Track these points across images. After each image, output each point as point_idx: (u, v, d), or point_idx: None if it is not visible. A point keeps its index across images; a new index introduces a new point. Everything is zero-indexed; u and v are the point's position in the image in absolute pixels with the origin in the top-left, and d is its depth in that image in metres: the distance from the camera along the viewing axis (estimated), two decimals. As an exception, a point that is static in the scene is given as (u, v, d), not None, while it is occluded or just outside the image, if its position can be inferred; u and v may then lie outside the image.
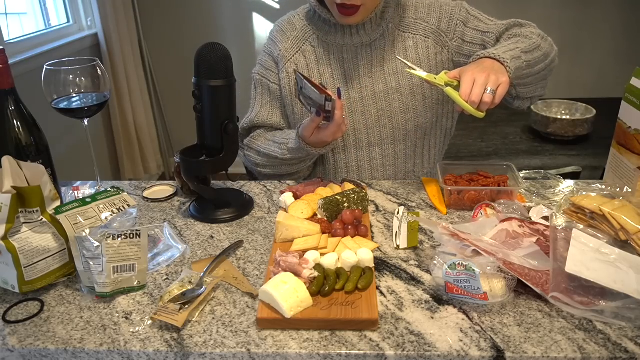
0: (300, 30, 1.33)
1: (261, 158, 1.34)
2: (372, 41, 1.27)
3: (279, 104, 1.37)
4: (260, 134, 1.37)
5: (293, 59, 1.32)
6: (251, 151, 1.36)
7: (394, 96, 1.27)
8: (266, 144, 1.32)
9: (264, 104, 1.38)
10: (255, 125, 1.38)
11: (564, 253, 0.83)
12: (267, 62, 1.37)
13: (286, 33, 1.35)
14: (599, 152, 2.11)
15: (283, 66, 1.33)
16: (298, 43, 1.32)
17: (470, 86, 1.01)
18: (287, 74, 1.32)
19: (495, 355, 0.73)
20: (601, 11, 3.13)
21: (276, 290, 0.79)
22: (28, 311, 0.84)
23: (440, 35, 1.27)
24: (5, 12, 2.35)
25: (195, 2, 3.23)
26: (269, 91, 1.37)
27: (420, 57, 1.27)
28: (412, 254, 0.97)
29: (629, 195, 1.02)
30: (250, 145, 1.37)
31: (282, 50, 1.33)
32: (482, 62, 1.07)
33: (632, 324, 0.77)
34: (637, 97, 1.07)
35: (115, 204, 0.92)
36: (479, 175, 1.15)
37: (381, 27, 1.26)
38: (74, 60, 1.07)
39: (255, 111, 1.38)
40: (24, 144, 0.96)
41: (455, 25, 1.26)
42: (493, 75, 1.01)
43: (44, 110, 1.16)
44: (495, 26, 1.25)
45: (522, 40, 1.17)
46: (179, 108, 3.50)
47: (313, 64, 1.31)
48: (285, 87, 1.33)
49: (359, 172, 1.34)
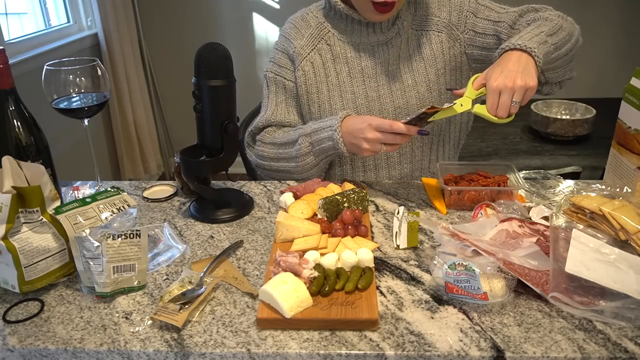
0: (315, 28, 1.31)
1: (275, 150, 1.30)
2: (388, 40, 1.27)
3: (294, 102, 1.35)
4: (278, 129, 1.34)
5: (309, 57, 1.30)
6: (265, 145, 1.32)
7: (411, 93, 1.27)
8: (285, 135, 1.29)
9: (279, 102, 1.35)
10: (272, 124, 1.35)
11: (564, 253, 0.83)
12: (282, 60, 1.34)
13: (300, 30, 1.33)
14: (599, 152, 2.11)
15: (299, 64, 1.31)
16: (313, 41, 1.31)
17: (496, 101, 1.00)
18: (303, 72, 1.30)
19: (495, 355, 0.73)
20: (601, 11, 3.12)
21: (276, 290, 0.79)
22: (28, 311, 0.84)
23: (452, 28, 1.27)
24: (5, 12, 2.35)
25: (195, 2, 3.23)
26: (284, 89, 1.35)
27: (434, 52, 1.28)
28: (412, 254, 0.97)
29: (629, 195, 1.02)
30: (263, 140, 1.33)
31: (297, 47, 1.31)
32: (507, 58, 1.03)
33: (632, 324, 0.77)
34: (637, 97, 1.07)
35: (115, 204, 0.92)
36: (479, 175, 1.15)
37: (396, 25, 1.26)
38: (74, 60, 1.07)
39: (271, 109, 1.35)
40: (24, 144, 0.96)
41: (466, 17, 1.25)
42: (520, 81, 0.99)
43: (44, 110, 1.17)
44: (506, 14, 1.22)
45: (544, 24, 1.13)
46: (179, 108, 3.50)
47: (329, 62, 1.30)
48: (302, 85, 1.31)
49: (375, 170, 1.34)
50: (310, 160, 1.24)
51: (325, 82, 1.30)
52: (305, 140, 1.22)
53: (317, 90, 1.30)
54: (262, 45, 3.33)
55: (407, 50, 1.28)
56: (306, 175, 1.28)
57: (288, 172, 1.30)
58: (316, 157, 1.24)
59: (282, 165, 1.30)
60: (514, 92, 0.99)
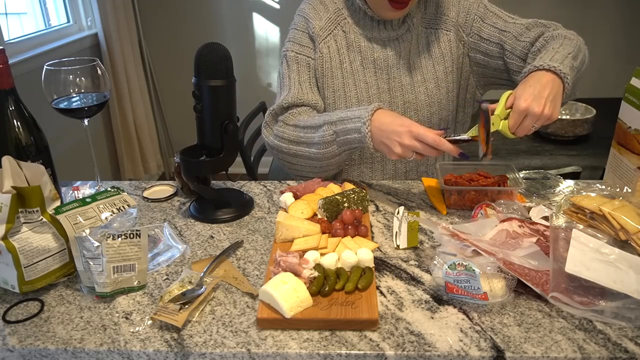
0: (334, 13, 1.31)
1: (296, 133, 1.23)
2: (399, 36, 1.28)
3: (316, 82, 1.32)
4: (302, 112, 1.27)
5: (326, 40, 1.29)
6: (286, 127, 1.25)
7: (420, 89, 1.28)
8: (309, 119, 1.22)
9: (302, 81, 1.30)
10: (296, 104, 1.28)
11: (564, 253, 0.83)
12: (302, 39, 1.31)
13: (319, 12, 1.31)
14: (599, 152, 2.11)
15: (318, 45, 1.29)
16: (331, 25, 1.30)
17: (519, 121, 0.98)
18: (321, 54, 1.29)
19: (495, 355, 0.73)
20: (601, 11, 3.13)
21: (276, 290, 0.79)
22: (28, 311, 0.84)
23: (459, 29, 1.27)
24: (5, 12, 2.35)
25: (195, 2, 3.23)
26: (307, 68, 1.30)
27: (442, 51, 1.28)
28: (412, 254, 0.97)
29: (629, 195, 1.02)
30: (286, 121, 1.26)
31: (316, 28, 1.29)
32: (541, 80, 1.00)
33: (632, 324, 0.77)
34: (637, 97, 1.07)
35: (115, 204, 0.92)
36: (479, 175, 1.15)
37: (406, 22, 1.27)
38: (74, 60, 1.07)
39: (296, 88, 1.28)
40: (24, 144, 0.96)
41: (473, 20, 1.26)
42: (547, 110, 0.97)
43: (44, 110, 1.17)
44: (514, 25, 1.22)
45: (566, 43, 1.11)
46: (179, 108, 3.50)
47: (344, 49, 1.30)
48: (318, 68, 1.29)
49: (382, 164, 1.34)
50: (333, 150, 1.18)
51: (340, 69, 1.29)
52: (330, 128, 1.16)
53: (331, 75, 1.29)
54: (262, 45, 3.33)
55: (417, 47, 1.29)
56: (326, 164, 1.22)
57: (308, 157, 1.23)
58: (339, 147, 1.17)
59: (301, 150, 1.23)
60: (538, 119, 0.97)
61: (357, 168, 1.35)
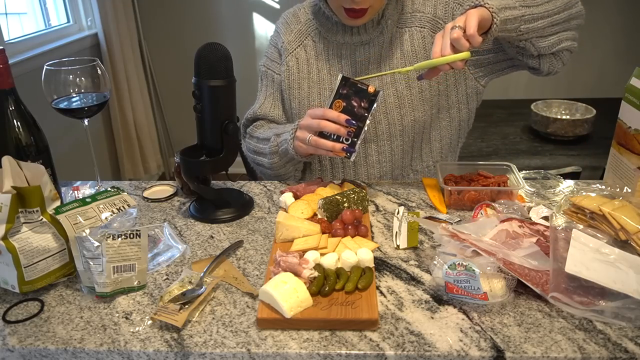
0: (304, 24, 1.34)
1: (255, 144, 1.34)
2: (371, 39, 1.27)
3: (281, 96, 1.38)
4: (264, 124, 1.38)
5: (294, 53, 1.33)
6: (251, 138, 1.37)
7: (389, 91, 1.27)
8: (267, 131, 1.32)
9: (267, 95, 1.39)
10: (258, 117, 1.39)
11: (564, 253, 0.83)
12: (273, 54, 1.38)
13: (290, 25, 1.36)
14: (599, 152, 2.11)
15: (285, 59, 1.34)
16: (300, 37, 1.33)
17: (439, 42, 0.99)
18: (287, 67, 1.33)
19: (495, 355, 0.73)
20: (601, 11, 3.13)
21: (276, 290, 0.79)
22: (28, 311, 0.84)
23: (437, 22, 1.26)
24: (5, 12, 2.35)
25: (195, 2, 3.23)
26: (272, 82, 1.38)
27: (415, 48, 1.27)
28: (412, 254, 0.97)
29: (629, 195, 1.02)
30: (251, 134, 1.37)
31: (285, 42, 1.35)
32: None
33: (632, 324, 0.77)
34: (637, 97, 1.07)
35: (115, 204, 0.92)
36: (479, 175, 1.16)
37: (380, 25, 1.26)
38: (74, 60, 1.07)
39: (259, 102, 1.39)
40: (24, 144, 0.96)
41: (452, 8, 1.25)
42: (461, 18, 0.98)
43: (44, 110, 1.17)
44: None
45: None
46: (179, 108, 3.50)
47: (313, 59, 1.32)
48: (285, 80, 1.33)
49: (355, 168, 1.33)
50: (277, 160, 1.26)
51: (307, 79, 1.31)
52: (275, 140, 1.24)
53: (298, 86, 1.32)
54: (262, 45, 3.33)
55: (389, 49, 1.28)
56: (276, 174, 1.30)
57: (265, 167, 1.32)
58: (281, 159, 1.25)
59: (260, 159, 1.32)
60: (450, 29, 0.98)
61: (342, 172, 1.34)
